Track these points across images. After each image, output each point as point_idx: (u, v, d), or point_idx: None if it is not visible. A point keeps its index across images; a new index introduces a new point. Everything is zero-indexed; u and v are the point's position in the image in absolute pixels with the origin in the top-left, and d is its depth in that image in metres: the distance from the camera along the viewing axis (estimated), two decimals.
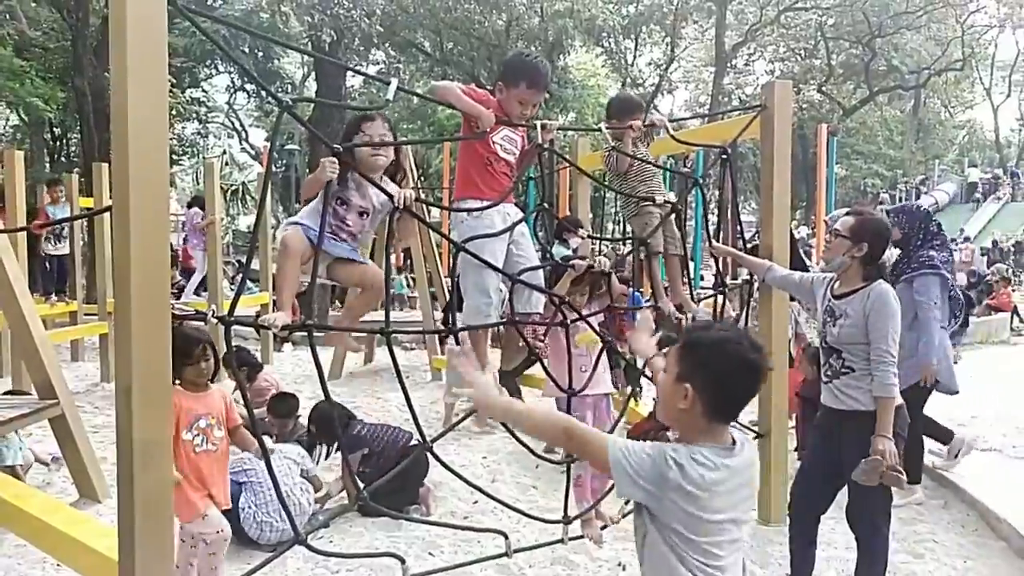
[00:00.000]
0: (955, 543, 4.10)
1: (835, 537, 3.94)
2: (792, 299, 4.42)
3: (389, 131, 2.91)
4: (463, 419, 4.02)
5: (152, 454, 2.17)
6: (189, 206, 9.86)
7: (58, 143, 23.00)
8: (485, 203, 3.13)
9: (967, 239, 20.37)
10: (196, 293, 9.47)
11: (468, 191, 3.17)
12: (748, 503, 1.75)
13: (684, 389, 1.67)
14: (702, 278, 13.78)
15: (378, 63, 22.66)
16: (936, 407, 6.71)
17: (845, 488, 3.15)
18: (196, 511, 3.02)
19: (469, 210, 3.12)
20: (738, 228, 4.79)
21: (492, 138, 3.11)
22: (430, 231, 7.73)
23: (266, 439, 3.89)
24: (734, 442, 1.71)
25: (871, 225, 3.16)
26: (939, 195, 28.56)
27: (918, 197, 28.65)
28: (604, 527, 3.71)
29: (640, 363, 4.39)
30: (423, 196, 7.80)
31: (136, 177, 2.13)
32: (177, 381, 2.99)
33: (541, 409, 2.04)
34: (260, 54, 22.15)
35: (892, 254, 4.98)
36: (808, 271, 4.53)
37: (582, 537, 3.64)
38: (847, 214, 3.35)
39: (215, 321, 2.37)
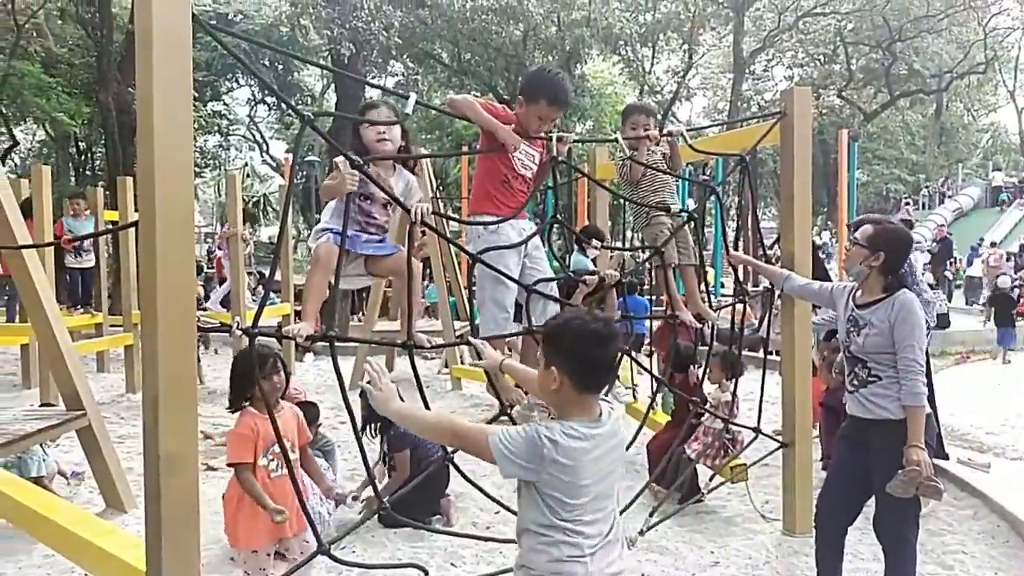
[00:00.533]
0: (985, 554, 4.03)
1: (862, 548, 3.89)
2: (815, 307, 4.38)
3: (393, 116, 2.94)
4: (491, 421, 4.04)
5: (178, 465, 2.20)
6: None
7: (83, 157, 23.38)
8: (500, 218, 3.15)
9: (993, 244, 20.04)
10: (222, 304, 9.58)
11: (484, 206, 3.19)
12: (616, 466, 1.96)
13: (551, 373, 1.89)
14: (722, 286, 13.74)
15: (396, 75, 22.84)
16: (967, 415, 6.62)
17: (871, 498, 3.12)
18: (258, 540, 2.98)
19: (484, 223, 3.13)
20: (758, 236, 4.78)
21: (512, 153, 3.11)
22: (449, 243, 7.75)
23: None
24: (601, 413, 1.93)
25: (888, 234, 3.14)
26: (963, 199, 28.19)
27: (941, 202, 28.35)
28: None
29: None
30: (441, 207, 7.87)
31: (162, 191, 2.17)
32: (247, 404, 2.97)
33: (431, 413, 2.18)
34: (280, 67, 22.42)
35: (916, 262, 4.95)
36: (830, 279, 4.50)
37: None
38: (866, 223, 3.32)
39: (239, 333, 2.39)
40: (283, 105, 23.00)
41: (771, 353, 4.83)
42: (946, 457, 5.23)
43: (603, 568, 1.89)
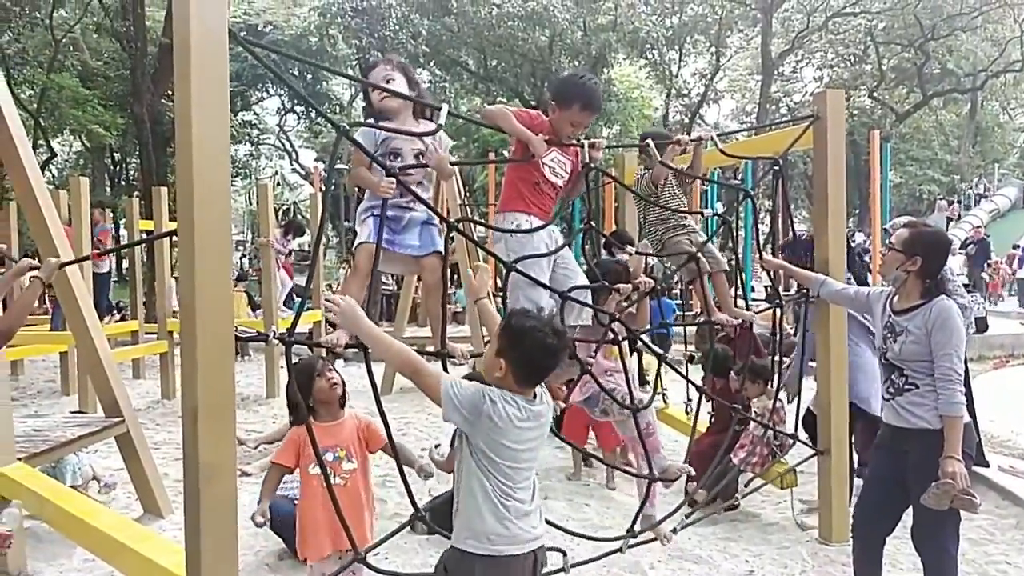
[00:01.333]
0: None
1: (900, 558, 3.82)
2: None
3: (394, 70, 2.93)
4: None
5: (216, 473, 2.23)
6: (285, 231, 10.39)
7: (118, 167, 23.90)
8: (532, 219, 3.15)
9: None
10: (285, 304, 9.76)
11: (515, 205, 3.19)
12: (539, 444, 2.23)
13: (499, 363, 2.13)
14: (752, 289, 13.60)
15: (424, 82, 23.00)
16: (1008, 421, 6.48)
17: (910, 508, 3.06)
18: (322, 551, 2.96)
19: (515, 231, 3.13)
20: (791, 240, 4.72)
21: (543, 159, 3.11)
22: (477, 247, 7.79)
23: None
24: (535, 396, 2.20)
25: (925, 238, 3.07)
26: (1000, 200, 27.60)
27: (978, 203, 27.77)
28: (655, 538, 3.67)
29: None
30: (469, 213, 7.90)
31: (200, 202, 2.20)
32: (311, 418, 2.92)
33: (397, 342, 2.24)
34: (309, 76, 22.71)
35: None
36: (868, 282, 4.44)
37: (643, 544, 3.60)
38: (903, 226, 3.26)
39: (276, 342, 2.42)
40: (312, 114, 23.28)
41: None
42: (987, 464, 5.12)
43: (529, 528, 2.16)
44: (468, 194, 15.33)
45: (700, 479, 4.16)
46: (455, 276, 11.25)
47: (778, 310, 4.37)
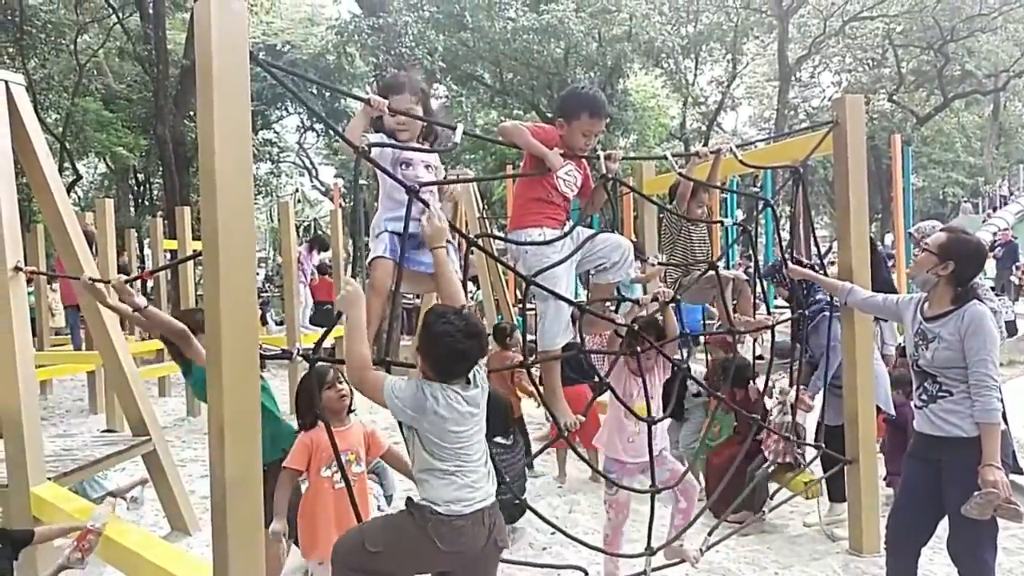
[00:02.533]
0: None
1: (934, 568, 3.75)
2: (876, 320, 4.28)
3: (417, 104, 2.93)
4: (547, 446, 4.07)
5: (243, 491, 2.24)
6: (310, 247, 10.54)
7: (141, 188, 24.26)
8: (545, 231, 3.15)
9: None
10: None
11: (527, 220, 3.20)
12: (481, 417, 2.38)
13: (419, 357, 2.32)
14: (775, 297, 13.48)
15: (441, 96, 23.15)
16: None
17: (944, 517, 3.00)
18: (323, 553, 3.01)
19: (530, 243, 3.13)
20: (812, 249, 4.67)
21: (556, 173, 3.13)
22: (497, 262, 7.79)
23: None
24: (468, 380, 2.34)
25: (961, 244, 3.01)
26: None
27: (1004, 205, 27.36)
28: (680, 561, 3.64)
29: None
30: (487, 226, 7.92)
31: (225, 223, 2.23)
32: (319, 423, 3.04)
33: (363, 349, 2.34)
34: (327, 95, 22.94)
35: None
36: (894, 289, 4.39)
37: (665, 567, 3.59)
38: (940, 230, 3.21)
39: (300, 359, 2.44)
40: (330, 133, 23.51)
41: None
42: (1021, 472, 5.01)
43: (480, 489, 2.31)
44: (487, 207, 15.39)
45: (717, 491, 4.11)
46: (476, 289, 11.28)
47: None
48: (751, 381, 4.77)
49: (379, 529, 2.38)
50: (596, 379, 3.67)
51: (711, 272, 3.97)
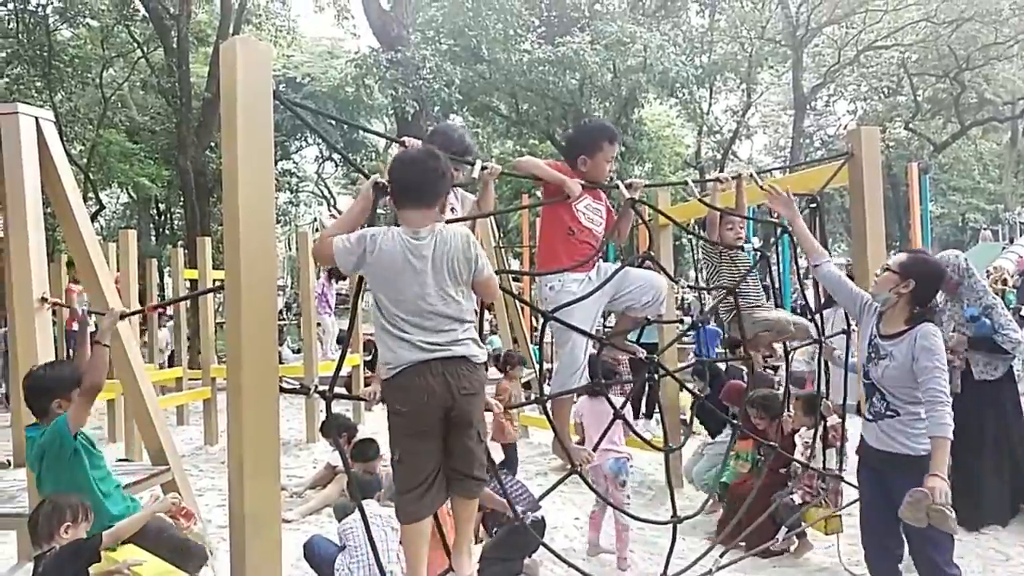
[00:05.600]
0: None
1: None
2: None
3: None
4: (561, 481, 4.04)
5: (261, 524, 2.25)
6: (329, 275, 10.63)
7: (163, 218, 24.63)
8: (566, 277, 3.16)
9: None
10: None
11: (551, 262, 3.22)
12: (434, 279, 2.42)
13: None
14: None
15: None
16: None
17: None
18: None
19: (550, 271, 3.16)
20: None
21: (575, 206, 3.16)
22: (516, 299, 7.83)
23: (374, 503, 3.97)
24: (423, 231, 2.45)
25: (922, 265, 3.09)
26: None
27: (1023, 232, 27.08)
28: None
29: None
30: (504, 256, 7.97)
31: (247, 258, 2.27)
32: None
33: (336, 229, 2.49)
34: (346, 125, 23.30)
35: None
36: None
37: None
38: (902, 251, 3.28)
39: (317, 395, 2.46)
40: (349, 162, 23.81)
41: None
42: None
43: (427, 343, 2.36)
44: (503, 235, 15.46)
45: (735, 519, 4.08)
46: (492, 319, 11.30)
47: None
48: (783, 414, 4.70)
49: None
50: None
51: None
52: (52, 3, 17.26)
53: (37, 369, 3.15)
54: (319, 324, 10.92)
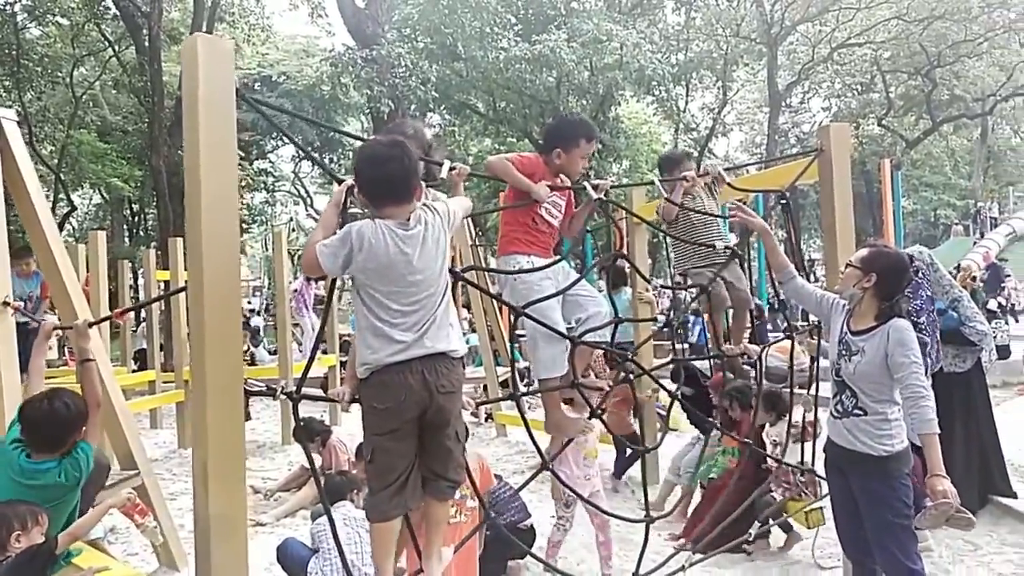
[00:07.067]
0: None
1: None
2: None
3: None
4: (531, 478, 4.03)
5: (227, 528, 2.22)
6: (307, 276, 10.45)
7: (136, 219, 24.34)
8: (533, 258, 3.17)
9: None
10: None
11: (514, 247, 3.23)
12: (417, 269, 2.38)
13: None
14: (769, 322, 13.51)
15: (434, 126, 23.35)
16: None
17: None
18: None
19: (518, 271, 3.14)
20: (802, 271, 4.70)
21: (542, 205, 3.16)
22: (493, 298, 7.82)
23: (348, 504, 3.93)
24: (411, 220, 2.40)
25: (883, 258, 3.08)
26: (1017, 223, 27.34)
27: (995, 226, 27.56)
28: None
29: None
30: (480, 254, 7.96)
31: (210, 259, 2.24)
32: None
33: (319, 235, 2.41)
34: (322, 124, 23.15)
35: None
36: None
37: None
38: (864, 246, 3.27)
39: (283, 396, 2.44)
40: (327, 160, 23.67)
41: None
42: (1014, 495, 5.00)
43: (408, 341, 2.32)
44: (480, 234, 15.44)
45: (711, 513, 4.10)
46: (470, 317, 11.29)
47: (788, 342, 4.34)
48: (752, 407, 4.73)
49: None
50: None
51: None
52: (20, 1, 16.97)
53: (54, 403, 2.94)
54: (297, 324, 10.83)
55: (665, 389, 4.39)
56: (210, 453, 2.18)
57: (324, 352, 9.83)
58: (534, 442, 3.33)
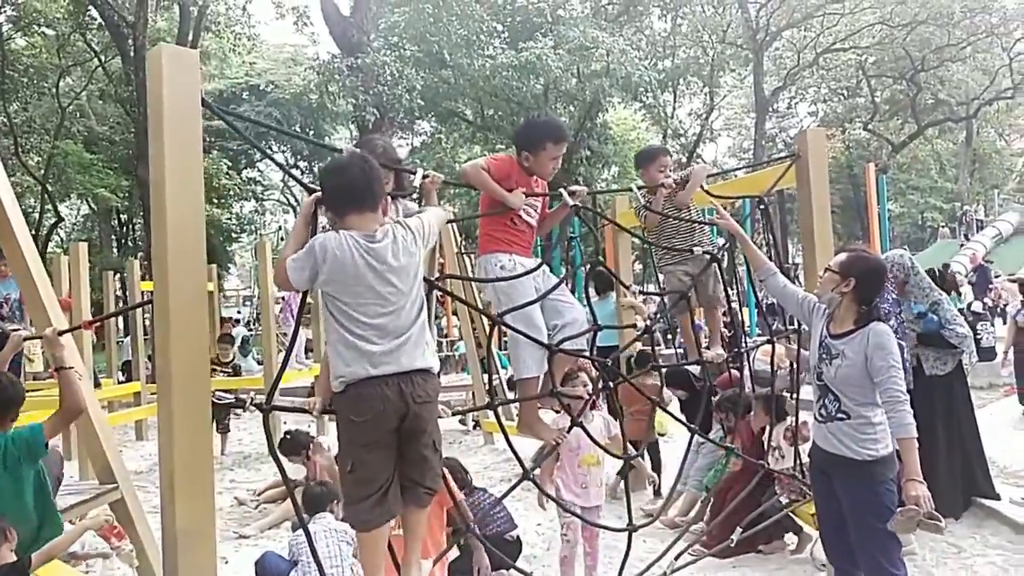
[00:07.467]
0: None
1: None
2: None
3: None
4: (515, 485, 4.01)
5: (194, 542, 2.20)
6: None
7: (124, 229, 24.22)
8: (515, 257, 3.16)
9: None
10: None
11: (495, 246, 3.22)
12: (392, 281, 2.36)
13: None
14: (757, 325, 13.53)
15: (422, 133, 23.37)
16: (1019, 451, 6.30)
17: None
18: None
19: (503, 278, 3.14)
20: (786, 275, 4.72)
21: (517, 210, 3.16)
22: (476, 294, 7.80)
23: (329, 516, 3.90)
24: (378, 232, 2.38)
25: (861, 263, 3.09)
26: (1002, 225, 27.50)
27: (980, 228, 27.75)
28: None
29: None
30: (467, 262, 7.93)
31: (175, 269, 2.22)
32: None
33: (289, 250, 2.39)
34: (311, 132, 23.12)
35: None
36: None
37: None
38: (842, 250, 3.27)
39: (253, 408, 2.41)
40: (315, 170, 23.65)
41: None
42: (998, 497, 5.01)
43: (387, 358, 2.30)
44: (466, 239, 15.44)
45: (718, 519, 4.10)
46: (459, 325, 11.27)
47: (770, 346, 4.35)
48: (751, 412, 4.74)
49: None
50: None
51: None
52: (5, 11, 16.92)
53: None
54: (285, 334, 10.77)
55: (650, 399, 4.38)
56: (176, 467, 2.16)
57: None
58: (514, 451, 3.32)
